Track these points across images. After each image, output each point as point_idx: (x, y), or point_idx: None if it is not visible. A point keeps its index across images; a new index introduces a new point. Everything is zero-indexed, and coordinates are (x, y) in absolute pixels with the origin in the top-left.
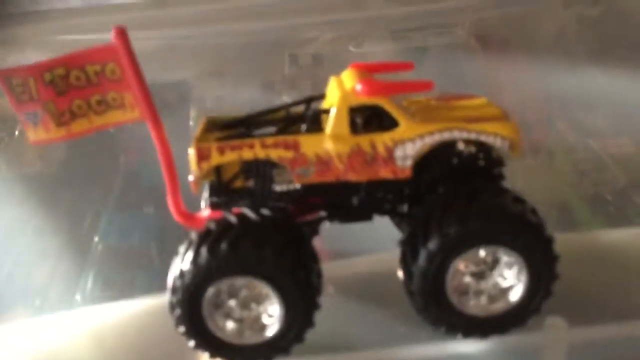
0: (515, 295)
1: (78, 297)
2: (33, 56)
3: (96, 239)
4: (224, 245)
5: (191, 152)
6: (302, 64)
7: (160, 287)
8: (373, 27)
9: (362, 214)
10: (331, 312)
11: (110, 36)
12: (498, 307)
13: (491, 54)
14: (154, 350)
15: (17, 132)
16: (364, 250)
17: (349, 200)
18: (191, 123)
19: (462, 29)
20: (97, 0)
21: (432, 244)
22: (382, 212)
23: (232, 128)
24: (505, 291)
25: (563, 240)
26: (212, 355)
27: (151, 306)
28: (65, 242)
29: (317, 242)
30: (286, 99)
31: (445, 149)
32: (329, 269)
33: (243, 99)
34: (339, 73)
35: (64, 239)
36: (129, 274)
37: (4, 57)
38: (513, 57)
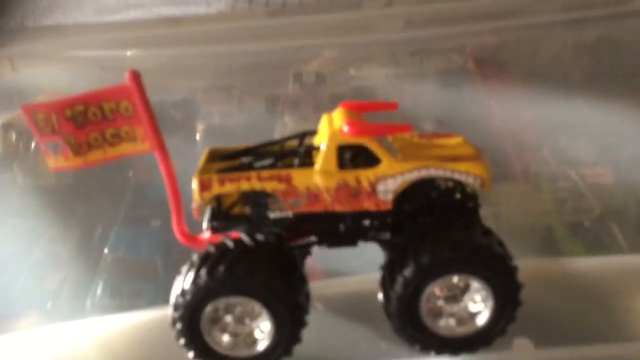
0: (482, 319)
1: (88, 303)
2: (46, 70)
3: (106, 250)
4: (221, 268)
5: (194, 182)
6: (306, 81)
7: (165, 297)
8: (374, 50)
9: (348, 240)
10: (319, 328)
11: (124, 77)
12: (467, 328)
13: (488, 78)
14: (160, 358)
15: (32, 145)
16: (354, 271)
17: (337, 227)
18: (197, 137)
19: (462, 54)
20: (111, 16)
21: (407, 271)
22: (366, 238)
23: (233, 159)
24: (474, 315)
25: (537, 266)
26: None
27: (156, 318)
28: (76, 252)
29: (311, 262)
30: (288, 119)
31: (425, 183)
32: (319, 287)
33: (248, 115)
34: (338, 94)
35: (76, 249)
36: (136, 285)
37: (18, 70)
38: (509, 82)
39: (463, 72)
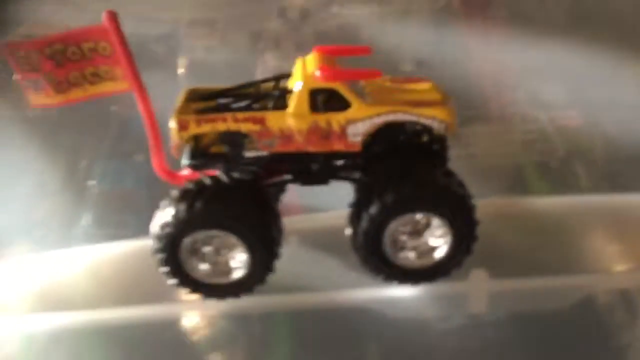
0: (441, 252)
1: (76, 232)
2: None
3: (92, 182)
4: (199, 204)
5: (172, 122)
6: (290, 16)
7: (149, 228)
8: None
9: (320, 179)
10: (292, 259)
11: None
12: (427, 261)
13: (473, 17)
14: (143, 285)
15: (14, 76)
16: (328, 207)
17: (309, 167)
18: (179, 72)
19: None
20: None
21: (373, 209)
22: (337, 177)
23: (210, 100)
24: (433, 248)
25: (498, 205)
26: (190, 292)
27: (141, 247)
28: (62, 184)
29: (291, 198)
30: (269, 57)
31: (393, 126)
32: (294, 222)
33: (231, 52)
34: (321, 31)
35: (62, 181)
36: (122, 215)
37: None
38: (492, 22)
39: (448, 11)
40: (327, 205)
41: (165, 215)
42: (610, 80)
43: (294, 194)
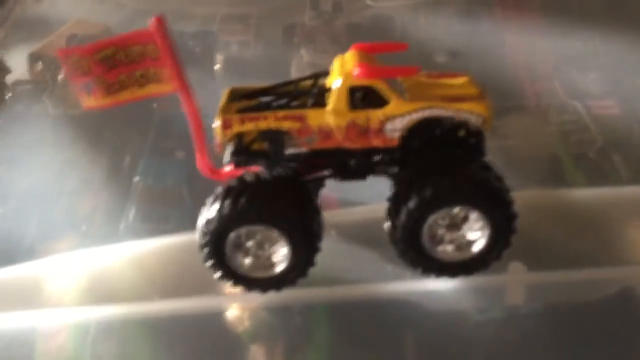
0: (479, 245)
1: (121, 227)
2: None
3: (135, 179)
4: (242, 200)
5: (217, 122)
6: (323, 8)
7: (191, 222)
8: None
9: (359, 174)
10: (332, 252)
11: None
12: (465, 254)
13: (507, 6)
14: (188, 278)
15: (60, 76)
16: (366, 201)
17: (348, 162)
18: (216, 68)
19: None
20: None
21: (411, 203)
22: (375, 173)
23: (251, 98)
24: (471, 242)
25: (536, 196)
26: (234, 285)
27: (184, 241)
28: (107, 180)
29: (328, 192)
30: (304, 52)
31: (430, 121)
32: (333, 215)
33: (265, 47)
34: (355, 23)
35: (106, 178)
36: (165, 210)
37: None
38: (527, 11)
39: (481, 1)
40: (365, 199)
41: (210, 211)
42: None
43: (332, 189)
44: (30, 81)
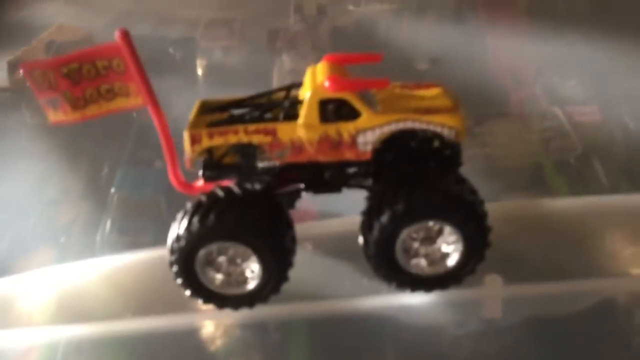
0: (453, 259)
1: (98, 239)
2: (49, 6)
3: (112, 190)
4: (212, 216)
5: (185, 136)
6: (307, 13)
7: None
8: None
9: (332, 187)
10: (306, 267)
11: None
12: (440, 268)
13: (491, 10)
14: (162, 294)
15: None
16: (342, 212)
17: (321, 176)
18: (199, 74)
19: None
20: None
21: (384, 218)
22: (349, 185)
23: (222, 111)
24: (445, 256)
25: (511, 207)
26: (204, 302)
27: (160, 256)
28: (85, 191)
29: (307, 204)
30: (285, 58)
31: (404, 133)
32: (307, 228)
33: (248, 52)
34: (338, 28)
35: (84, 188)
36: (142, 222)
37: (22, 9)
38: (511, 15)
39: (464, 7)
40: (342, 210)
41: (179, 228)
42: (631, 74)
43: (308, 201)
44: (8, 89)
